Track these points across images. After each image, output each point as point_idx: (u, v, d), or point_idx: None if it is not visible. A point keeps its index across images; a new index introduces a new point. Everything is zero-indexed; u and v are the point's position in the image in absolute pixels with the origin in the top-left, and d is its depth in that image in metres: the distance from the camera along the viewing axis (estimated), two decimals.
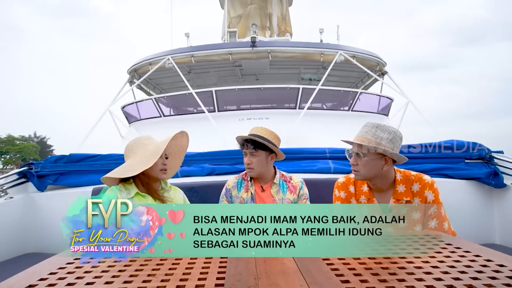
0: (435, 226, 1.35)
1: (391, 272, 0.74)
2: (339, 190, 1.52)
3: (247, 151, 1.68)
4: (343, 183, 1.53)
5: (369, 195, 1.43)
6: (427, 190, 1.37)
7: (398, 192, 1.38)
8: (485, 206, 2.20)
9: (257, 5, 6.53)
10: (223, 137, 3.15)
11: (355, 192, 1.48)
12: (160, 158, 1.49)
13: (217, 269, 0.80)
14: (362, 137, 1.34)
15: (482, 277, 0.69)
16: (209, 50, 4.58)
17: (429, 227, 1.36)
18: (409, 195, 1.37)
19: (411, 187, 1.39)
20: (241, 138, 1.72)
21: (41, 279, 0.76)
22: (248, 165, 1.68)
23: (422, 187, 1.38)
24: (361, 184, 1.47)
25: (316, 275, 0.74)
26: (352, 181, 1.51)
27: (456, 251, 0.88)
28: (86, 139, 4.06)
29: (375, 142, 1.30)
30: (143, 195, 1.51)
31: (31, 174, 2.29)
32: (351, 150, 1.38)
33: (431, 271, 0.74)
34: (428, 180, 1.39)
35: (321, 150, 2.46)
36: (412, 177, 1.40)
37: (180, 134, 1.59)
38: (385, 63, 4.95)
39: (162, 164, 1.51)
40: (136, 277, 0.76)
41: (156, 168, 1.50)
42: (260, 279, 0.73)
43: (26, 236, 2.22)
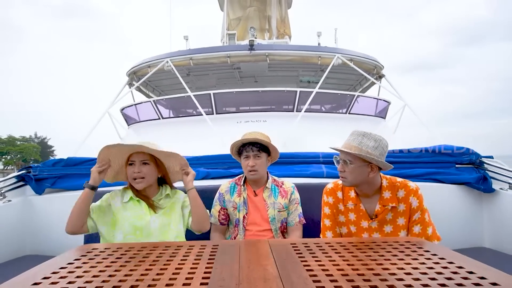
0: (419, 231, 1.39)
1: (366, 278, 0.78)
2: (327, 195, 1.57)
3: (251, 153, 1.71)
4: (331, 189, 1.57)
5: (356, 201, 1.48)
6: (411, 197, 1.41)
7: (384, 198, 1.43)
8: (474, 211, 2.23)
9: (256, 8, 6.58)
10: (221, 140, 3.19)
11: (342, 197, 1.53)
12: (130, 166, 1.51)
13: (202, 274, 0.84)
14: (349, 145, 1.38)
15: (450, 284, 0.73)
16: (207, 53, 4.62)
17: (413, 232, 1.40)
18: (394, 201, 1.42)
19: (397, 193, 1.43)
20: (243, 141, 1.72)
21: (34, 283, 0.80)
22: (253, 167, 1.70)
23: (407, 193, 1.42)
24: (348, 190, 1.51)
25: (295, 281, 0.78)
26: (340, 187, 1.55)
27: (431, 258, 0.92)
28: (85, 141, 4.10)
29: (360, 150, 1.34)
30: (138, 201, 1.53)
31: (29, 178, 2.33)
32: (339, 157, 1.43)
33: (404, 277, 0.78)
34: (412, 187, 1.43)
35: (315, 154, 2.50)
36: (398, 184, 1.44)
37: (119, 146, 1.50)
38: (382, 66, 4.99)
39: (133, 172, 1.50)
40: (125, 282, 0.80)
41: (129, 178, 1.53)
42: (241, 285, 0.77)
43: (24, 239, 2.26)
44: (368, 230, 1.47)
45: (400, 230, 1.44)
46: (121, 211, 1.51)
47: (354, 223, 1.49)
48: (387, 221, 1.44)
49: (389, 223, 1.44)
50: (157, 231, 1.50)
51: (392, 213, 1.44)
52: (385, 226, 1.45)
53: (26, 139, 46.58)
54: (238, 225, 1.75)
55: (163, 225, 1.52)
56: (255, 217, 1.75)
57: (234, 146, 1.77)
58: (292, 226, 1.75)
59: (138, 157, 1.52)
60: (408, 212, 1.42)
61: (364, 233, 1.48)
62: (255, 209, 1.76)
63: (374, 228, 1.46)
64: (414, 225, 1.41)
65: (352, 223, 1.50)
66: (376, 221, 1.45)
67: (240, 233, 1.73)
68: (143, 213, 1.51)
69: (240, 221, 1.74)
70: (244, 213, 1.74)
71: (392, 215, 1.44)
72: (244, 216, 1.74)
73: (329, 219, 1.56)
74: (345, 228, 1.53)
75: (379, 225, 1.45)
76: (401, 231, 1.44)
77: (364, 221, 1.47)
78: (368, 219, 1.46)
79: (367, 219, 1.46)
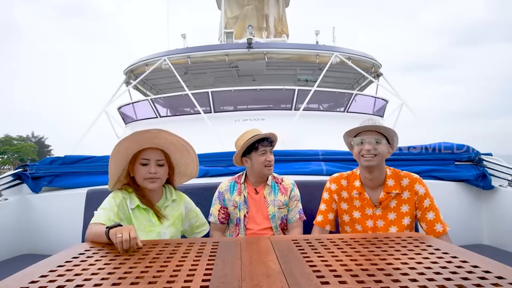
0: (433, 217, 1.44)
1: (370, 273, 0.77)
2: (331, 182, 1.63)
3: (268, 148, 1.72)
4: (336, 177, 1.63)
5: (361, 190, 1.53)
6: (417, 184, 1.47)
7: (388, 186, 1.48)
8: (474, 208, 2.24)
9: (254, 6, 6.55)
10: (219, 138, 3.17)
11: (347, 186, 1.57)
12: (144, 167, 1.37)
13: (204, 271, 0.82)
14: (377, 126, 1.44)
15: (455, 278, 0.73)
16: (205, 51, 4.60)
17: (427, 219, 1.44)
18: (398, 188, 1.47)
19: (401, 181, 1.49)
20: (260, 136, 1.70)
21: (32, 281, 0.78)
22: (270, 162, 1.72)
23: (411, 181, 1.48)
24: (354, 179, 1.56)
25: (298, 277, 0.76)
26: (345, 176, 1.61)
27: (435, 253, 0.91)
28: (82, 139, 4.07)
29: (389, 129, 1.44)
30: (145, 209, 1.41)
31: (25, 176, 2.30)
32: (367, 138, 1.44)
33: (408, 272, 0.77)
34: (416, 176, 1.50)
35: (314, 152, 2.49)
36: (401, 174, 1.51)
37: (144, 133, 1.36)
38: (380, 64, 4.99)
39: (148, 173, 1.37)
40: (124, 279, 0.78)
41: (140, 178, 1.38)
42: (244, 281, 0.75)
43: (21, 238, 2.23)
44: (372, 217, 1.50)
45: (403, 217, 1.47)
46: (132, 218, 1.39)
47: (358, 209, 1.53)
48: (391, 209, 1.48)
49: (393, 210, 1.48)
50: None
51: (396, 201, 1.48)
52: (389, 214, 1.48)
53: (23, 138, 46.23)
54: (238, 224, 1.73)
55: (173, 236, 1.45)
56: (256, 215, 1.73)
57: (249, 141, 1.70)
58: (292, 223, 1.74)
59: (154, 155, 1.39)
60: (413, 199, 1.47)
61: (368, 220, 1.51)
62: (256, 207, 1.74)
63: (378, 216, 1.50)
64: (427, 212, 1.45)
65: (357, 209, 1.54)
66: (380, 208, 1.49)
67: (241, 232, 1.72)
68: (152, 224, 1.40)
69: (241, 220, 1.73)
70: (245, 212, 1.73)
71: (396, 203, 1.48)
72: (245, 215, 1.73)
73: (325, 204, 1.62)
74: (348, 216, 1.57)
75: (383, 212, 1.49)
76: (405, 217, 1.47)
77: (369, 208, 1.51)
78: (373, 207, 1.50)
79: (371, 207, 1.50)
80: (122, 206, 1.37)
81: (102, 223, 1.21)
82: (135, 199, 1.40)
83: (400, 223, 1.47)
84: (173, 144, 1.45)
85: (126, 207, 1.38)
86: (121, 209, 1.37)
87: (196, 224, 1.62)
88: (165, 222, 1.43)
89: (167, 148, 1.46)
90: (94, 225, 1.21)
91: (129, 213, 1.38)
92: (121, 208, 1.37)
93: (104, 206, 1.33)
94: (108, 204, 1.34)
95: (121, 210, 1.37)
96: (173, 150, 1.48)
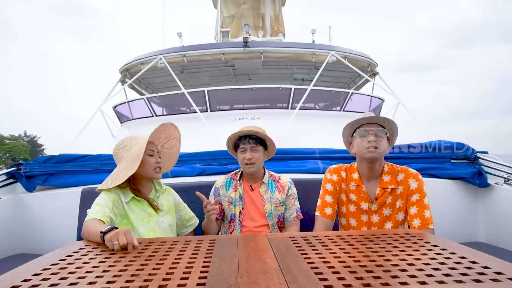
0: (415, 213, 1.43)
1: (369, 270, 0.76)
2: (331, 173, 1.60)
3: (248, 146, 1.68)
4: (335, 168, 1.62)
5: (359, 182, 1.52)
6: (410, 179, 1.47)
7: (384, 181, 1.48)
8: (470, 205, 2.25)
9: (250, 5, 6.54)
10: (215, 137, 3.15)
11: (346, 177, 1.57)
12: (151, 157, 1.46)
13: (200, 269, 0.81)
14: (382, 120, 1.46)
15: (454, 273, 0.72)
16: (201, 50, 4.58)
17: (410, 214, 1.44)
18: (393, 183, 1.47)
19: (396, 176, 1.49)
20: (240, 134, 1.70)
21: (24, 280, 0.76)
22: (250, 160, 1.67)
23: (406, 176, 1.48)
24: (352, 171, 1.56)
25: (296, 274, 0.76)
26: (343, 168, 1.60)
27: (433, 249, 0.91)
28: (77, 138, 4.03)
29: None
30: (139, 200, 1.46)
31: (19, 175, 2.27)
32: (371, 130, 1.45)
33: (407, 268, 0.76)
34: (412, 172, 1.50)
35: (311, 150, 2.49)
36: (398, 169, 1.52)
37: (163, 126, 1.55)
38: (376, 64, 5.01)
39: (155, 162, 1.48)
40: (119, 277, 0.77)
41: (150, 168, 1.46)
42: (241, 278, 0.74)
43: (15, 237, 2.20)
44: (367, 212, 1.51)
45: (397, 212, 1.48)
46: (128, 212, 1.41)
47: (354, 203, 1.53)
48: (386, 204, 1.48)
49: (388, 206, 1.48)
50: (168, 231, 1.48)
51: (392, 196, 1.48)
52: (384, 209, 1.49)
53: (15, 137, 45.68)
54: (233, 220, 1.72)
55: (171, 224, 1.51)
56: (252, 212, 1.72)
57: (231, 139, 1.75)
58: (289, 221, 1.73)
59: (154, 146, 1.52)
60: (405, 194, 1.47)
61: (363, 214, 1.51)
62: (252, 204, 1.73)
63: (373, 211, 1.50)
64: (411, 207, 1.44)
65: (352, 203, 1.53)
66: (376, 204, 1.49)
67: (236, 228, 1.71)
68: (149, 214, 1.45)
69: (236, 216, 1.71)
70: (240, 208, 1.72)
71: (391, 198, 1.48)
72: (240, 211, 1.72)
73: (331, 196, 1.56)
74: (344, 207, 1.56)
75: (379, 207, 1.49)
76: (398, 213, 1.48)
77: (365, 203, 1.51)
78: (369, 202, 1.50)
79: (367, 201, 1.50)
80: (116, 201, 1.39)
81: (98, 218, 1.23)
82: (128, 192, 1.44)
83: (395, 218, 1.47)
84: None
85: (121, 202, 1.40)
86: (116, 205, 1.38)
87: (185, 217, 1.67)
88: (161, 212, 1.49)
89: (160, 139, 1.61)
90: (90, 221, 1.21)
91: (123, 209, 1.40)
92: (115, 203, 1.38)
93: (98, 202, 1.34)
94: (103, 200, 1.34)
95: (116, 206, 1.38)
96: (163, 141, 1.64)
